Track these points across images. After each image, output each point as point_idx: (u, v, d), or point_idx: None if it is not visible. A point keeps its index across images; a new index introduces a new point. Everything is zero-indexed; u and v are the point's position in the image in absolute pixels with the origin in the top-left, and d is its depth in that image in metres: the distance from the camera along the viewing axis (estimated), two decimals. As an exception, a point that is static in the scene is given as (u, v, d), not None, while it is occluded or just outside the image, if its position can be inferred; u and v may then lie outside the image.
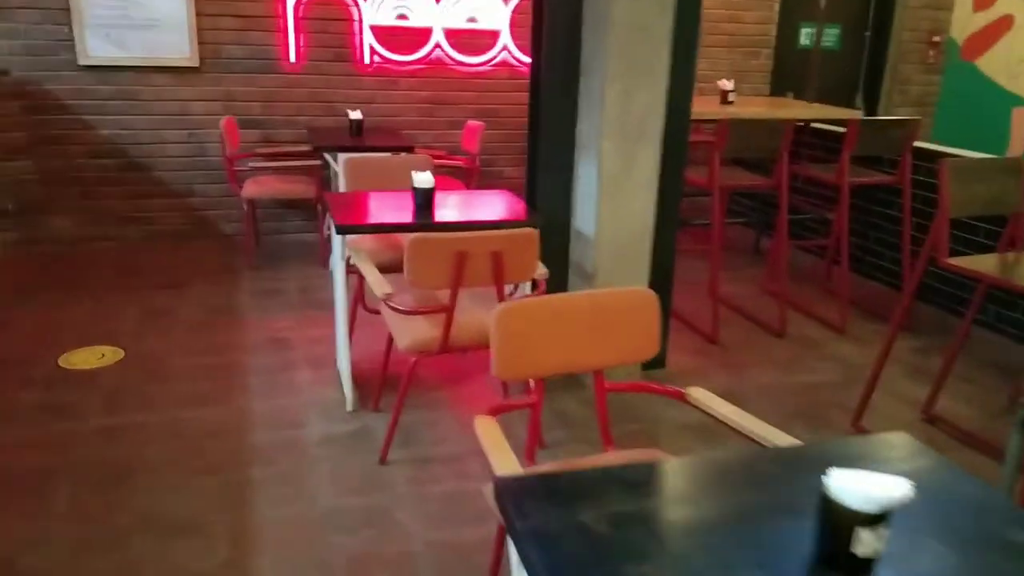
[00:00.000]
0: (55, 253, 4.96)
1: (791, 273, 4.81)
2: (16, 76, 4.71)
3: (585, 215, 3.19)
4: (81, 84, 4.83)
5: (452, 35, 5.39)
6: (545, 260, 3.05)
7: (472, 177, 5.21)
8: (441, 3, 5.30)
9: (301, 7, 5.04)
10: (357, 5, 5.15)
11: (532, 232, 2.53)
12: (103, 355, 3.51)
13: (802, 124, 5.01)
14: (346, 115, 5.07)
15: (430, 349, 2.59)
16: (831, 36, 6.65)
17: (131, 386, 3.26)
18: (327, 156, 4.66)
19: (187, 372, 3.41)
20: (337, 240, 2.97)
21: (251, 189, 4.72)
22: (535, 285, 2.79)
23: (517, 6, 5.44)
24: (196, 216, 5.26)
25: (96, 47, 4.76)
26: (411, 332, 2.61)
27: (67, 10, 4.67)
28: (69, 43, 4.73)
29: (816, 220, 5.16)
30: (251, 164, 4.77)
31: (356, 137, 4.93)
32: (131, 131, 4.98)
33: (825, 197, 4.95)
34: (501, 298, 2.55)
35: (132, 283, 4.49)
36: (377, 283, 2.56)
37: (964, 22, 5.78)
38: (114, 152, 4.99)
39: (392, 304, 2.55)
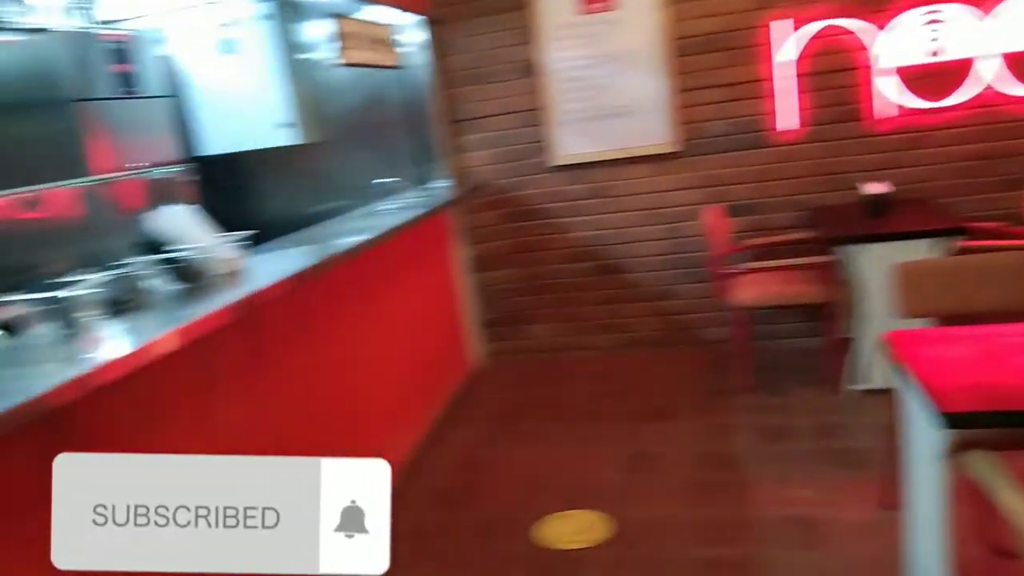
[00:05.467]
0: (535, 363, 4.66)
1: None
2: (492, 185, 4.54)
3: None
4: (553, 186, 4.47)
5: (1008, 61, 3.89)
6: None
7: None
8: (987, 22, 3.85)
9: (798, 62, 4.05)
10: (869, 48, 3.97)
11: None
12: (585, 528, 2.86)
13: None
14: (856, 189, 3.91)
15: None
16: None
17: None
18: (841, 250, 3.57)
19: (693, 570, 2.57)
20: (926, 433, 1.84)
21: (747, 293, 3.77)
22: None
23: (1112, 5, 3.75)
24: (673, 321, 4.53)
25: (567, 144, 4.36)
26: None
27: (537, 110, 4.36)
28: (541, 145, 4.41)
29: None
30: (746, 266, 3.86)
31: (875, 218, 3.74)
32: (604, 231, 4.47)
33: None
34: None
35: (613, 411, 3.88)
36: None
37: None
38: (587, 255, 4.54)
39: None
